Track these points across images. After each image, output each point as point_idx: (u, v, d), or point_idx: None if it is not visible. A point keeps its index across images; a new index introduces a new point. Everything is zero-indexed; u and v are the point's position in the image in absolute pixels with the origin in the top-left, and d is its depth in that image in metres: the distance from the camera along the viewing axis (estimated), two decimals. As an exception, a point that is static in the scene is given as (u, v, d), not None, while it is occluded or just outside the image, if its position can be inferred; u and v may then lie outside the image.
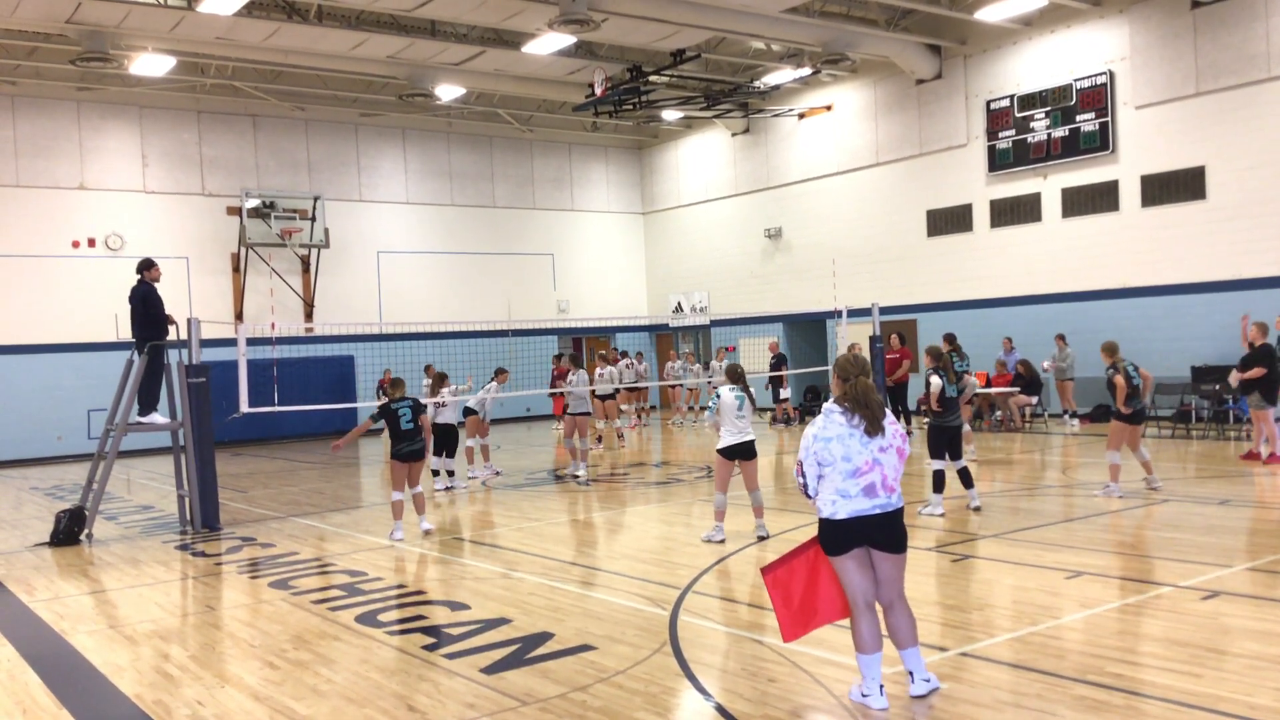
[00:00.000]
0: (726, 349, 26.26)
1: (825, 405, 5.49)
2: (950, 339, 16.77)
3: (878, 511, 5.29)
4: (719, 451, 9.91)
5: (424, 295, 27.85)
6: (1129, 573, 8.12)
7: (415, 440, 11.06)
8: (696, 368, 25.90)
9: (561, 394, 20.13)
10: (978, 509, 10.91)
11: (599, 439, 20.09)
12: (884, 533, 5.33)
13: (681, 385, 25.90)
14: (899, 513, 5.39)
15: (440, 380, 14.76)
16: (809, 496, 5.44)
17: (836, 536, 5.32)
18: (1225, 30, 18.59)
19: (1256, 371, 13.72)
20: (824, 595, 5.56)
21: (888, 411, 5.44)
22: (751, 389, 10.08)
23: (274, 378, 16.63)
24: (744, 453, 9.84)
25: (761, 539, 9.87)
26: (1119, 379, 11.41)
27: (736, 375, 10.03)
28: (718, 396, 9.88)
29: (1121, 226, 20.26)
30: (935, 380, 11.01)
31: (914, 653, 5.39)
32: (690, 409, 25.67)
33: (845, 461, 5.27)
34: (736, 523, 10.65)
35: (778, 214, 27.46)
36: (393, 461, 11.11)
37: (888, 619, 5.44)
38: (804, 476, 5.42)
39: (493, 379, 15.83)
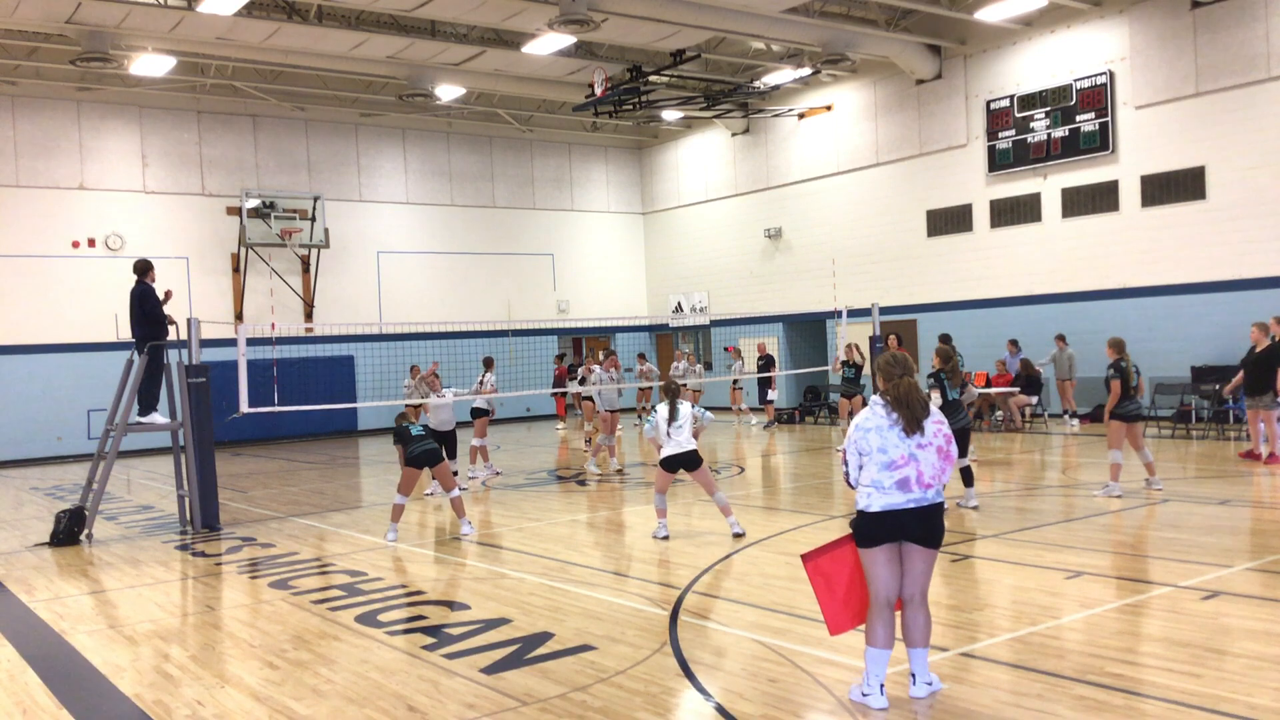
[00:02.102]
0: (727, 349, 26.28)
1: (872, 397, 5.59)
2: (945, 339, 16.72)
3: (912, 506, 5.34)
4: (659, 464, 10.24)
5: (424, 295, 27.85)
6: (1129, 573, 8.12)
7: (425, 440, 11.10)
8: (699, 368, 25.33)
9: (564, 394, 20.14)
10: (975, 508, 10.93)
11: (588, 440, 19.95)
12: (921, 526, 5.37)
13: (685, 386, 25.80)
14: (937, 508, 5.41)
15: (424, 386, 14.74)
16: (851, 485, 5.55)
17: (869, 529, 5.39)
18: (1225, 30, 18.59)
19: None
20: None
21: (934, 410, 5.50)
22: (688, 403, 10.37)
23: (274, 378, 16.63)
24: (686, 463, 10.15)
25: (737, 535, 10.02)
26: (1115, 384, 11.43)
27: (670, 391, 10.41)
28: (654, 412, 10.29)
29: (1121, 226, 20.26)
30: (935, 397, 11.02)
31: (922, 654, 5.41)
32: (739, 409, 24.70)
33: (881, 453, 5.37)
34: (741, 525, 10.65)
35: (778, 214, 27.46)
36: (406, 469, 11.13)
37: (905, 614, 5.45)
38: (847, 465, 5.56)
39: (485, 371, 15.87)
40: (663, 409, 10.24)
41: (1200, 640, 6.15)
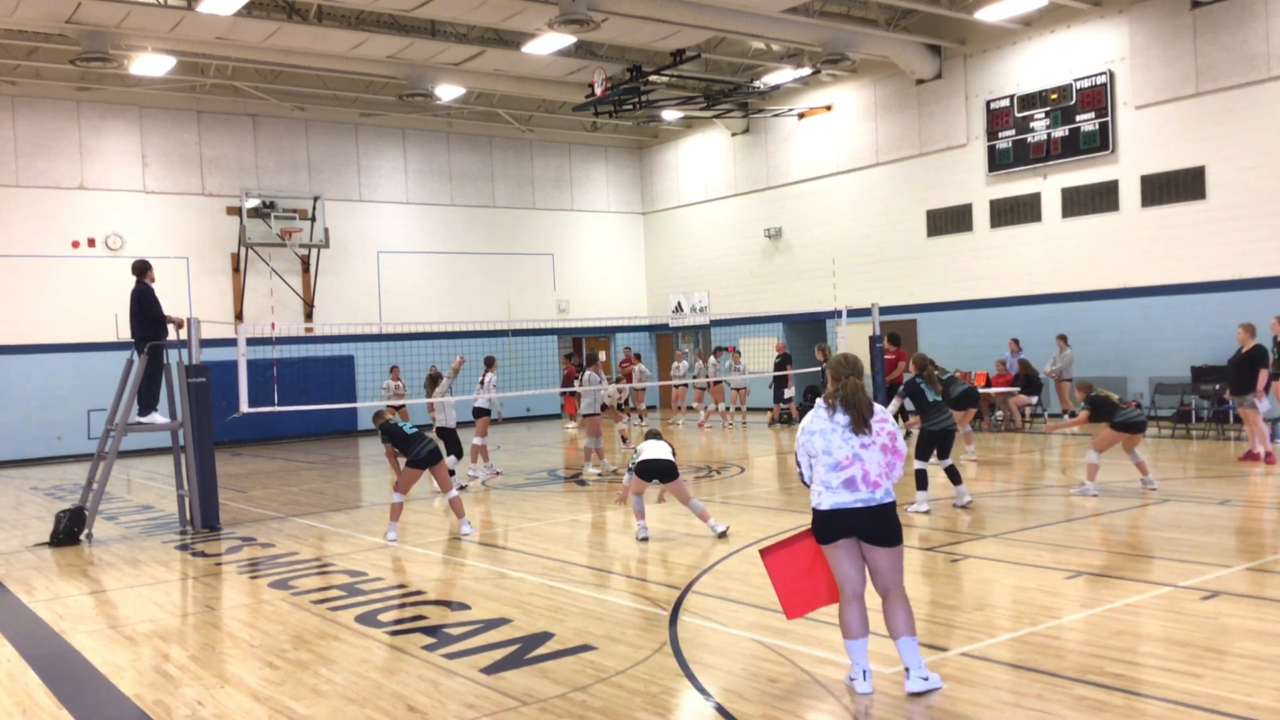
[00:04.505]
0: (727, 349, 26.27)
1: (817, 400, 5.74)
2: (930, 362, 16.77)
3: (860, 505, 5.46)
4: (634, 469, 10.20)
5: (424, 295, 27.85)
6: (1129, 573, 8.12)
7: (425, 439, 11.08)
8: (742, 365, 23.91)
9: (574, 393, 20.08)
10: (966, 505, 10.98)
11: (624, 439, 19.83)
12: (871, 525, 5.48)
13: (691, 385, 25.79)
14: (885, 507, 5.51)
15: (433, 381, 14.75)
16: (806, 484, 5.70)
17: (821, 526, 5.56)
18: (1225, 30, 18.59)
19: (1263, 374, 13.67)
20: (825, 578, 5.77)
21: (878, 408, 5.62)
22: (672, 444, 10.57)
23: (274, 378, 16.62)
24: (661, 472, 10.06)
25: (721, 535, 10.05)
26: (1084, 413, 11.76)
27: (653, 435, 10.60)
28: (637, 451, 10.32)
29: (1121, 226, 20.27)
30: (895, 404, 12.37)
31: (909, 643, 5.45)
32: (737, 409, 24.08)
33: (826, 455, 5.52)
34: (738, 524, 10.66)
35: (778, 214, 27.46)
36: (407, 469, 11.08)
37: (884, 608, 5.56)
38: (800, 465, 5.72)
39: (486, 371, 15.92)
40: (645, 444, 10.33)
41: (1200, 640, 6.15)
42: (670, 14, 19.67)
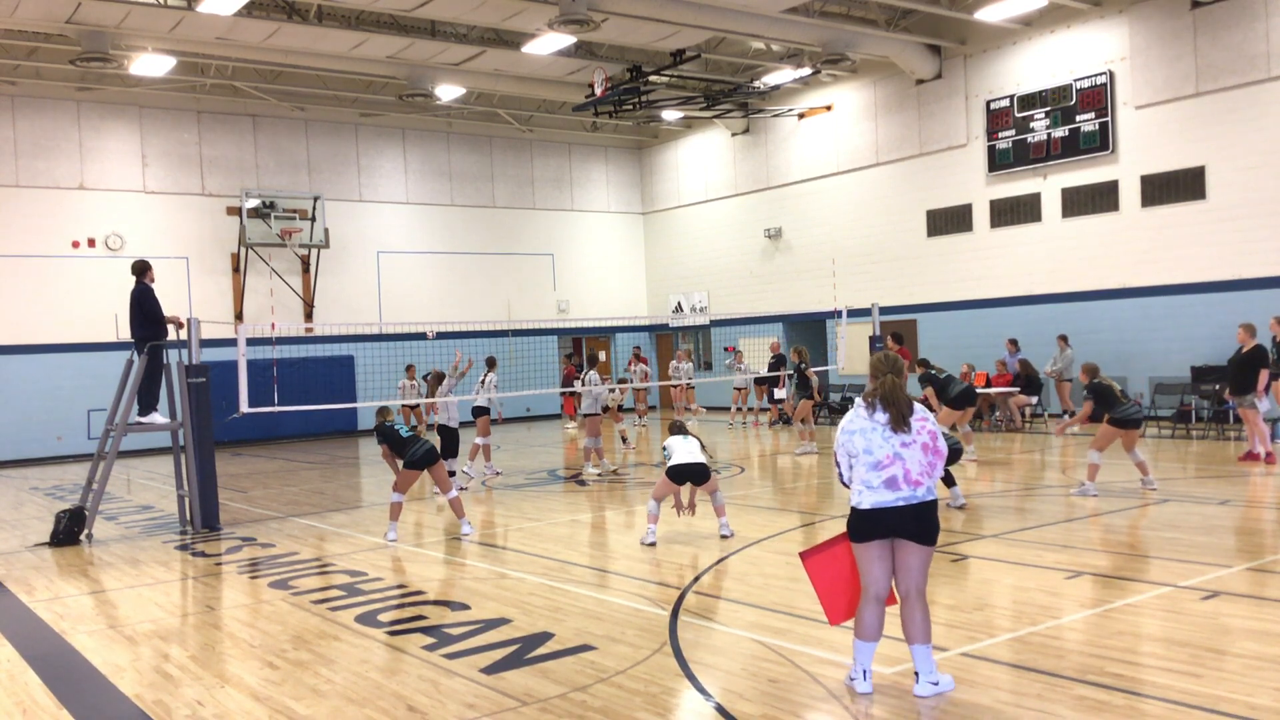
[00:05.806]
0: (726, 349, 26.30)
1: (856, 399, 5.70)
2: (924, 363, 16.78)
3: (901, 503, 5.42)
4: (666, 472, 10.07)
5: (424, 295, 27.85)
6: (1129, 573, 8.12)
7: (421, 441, 11.08)
8: (745, 365, 23.94)
9: (574, 393, 20.10)
10: (961, 507, 11.01)
11: (623, 439, 19.78)
12: (913, 523, 5.45)
13: (686, 385, 25.79)
14: (927, 506, 5.46)
15: (437, 379, 14.76)
16: (845, 485, 5.67)
17: (860, 525, 5.51)
18: (1225, 30, 18.59)
19: (1264, 375, 13.69)
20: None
21: (918, 407, 5.56)
22: (700, 437, 10.41)
23: (274, 378, 16.63)
24: (694, 475, 9.95)
25: (724, 537, 10.00)
26: (1088, 403, 11.79)
27: (678, 429, 10.43)
28: (666, 448, 10.19)
29: (1121, 226, 20.26)
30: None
31: (924, 650, 5.44)
32: (739, 409, 24.16)
33: (867, 454, 5.47)
34: (737, 524, 10.66)
35: (778, 214, 27.46)
36: (405, 470, 11.08)
37: (903, 611, 5.52)
38: (839, 466, 5.68)
39: (488, 371, 15.93)
40: (673, 441, 10.20)
41: (1200, 640, 6.15)
42: (670, 14, 19.67)
